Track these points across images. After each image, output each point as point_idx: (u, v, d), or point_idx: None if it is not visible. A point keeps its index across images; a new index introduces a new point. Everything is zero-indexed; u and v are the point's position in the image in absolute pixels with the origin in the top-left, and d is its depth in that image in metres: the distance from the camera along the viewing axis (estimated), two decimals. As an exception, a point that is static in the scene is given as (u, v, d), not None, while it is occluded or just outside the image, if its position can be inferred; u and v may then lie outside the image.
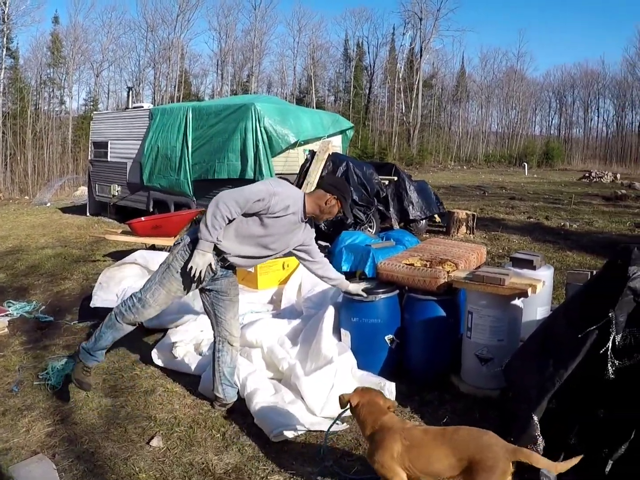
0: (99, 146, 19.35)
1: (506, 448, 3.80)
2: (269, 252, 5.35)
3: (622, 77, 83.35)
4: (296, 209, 5.14)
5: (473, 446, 3.84)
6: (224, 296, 5.50)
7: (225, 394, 5.68)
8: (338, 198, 5.30)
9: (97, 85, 69.03)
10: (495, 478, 3.67)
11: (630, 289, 4.48)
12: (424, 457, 3.95)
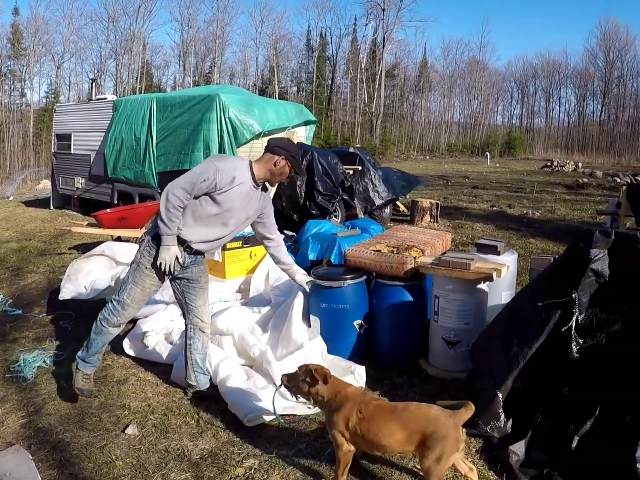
0: (62, 138, 19.16)
1: (452, 417, 4.06)
2: (230, 229, 5.33)
3: (583, 67, 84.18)
4: (244, 178, 5.11)
5: (423, 420, 4.07)
6: (195, 284, 5.53)
7: (197, 381, 5.72)
8: (286, 158, 5.24)
9: (58, 77, 68.44)
10: (447, 445, 3.93)
11: (592, 271, 4.61)
12: (373, 431, 4.14)
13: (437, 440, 3.94)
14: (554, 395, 4.72)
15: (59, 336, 7.39)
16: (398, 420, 4.13)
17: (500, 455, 4.61)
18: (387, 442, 4.12)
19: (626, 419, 4.30)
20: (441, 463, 3.93)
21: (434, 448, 3.93)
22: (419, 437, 4.01)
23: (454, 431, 4.00)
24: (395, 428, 4.09)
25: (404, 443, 4.08)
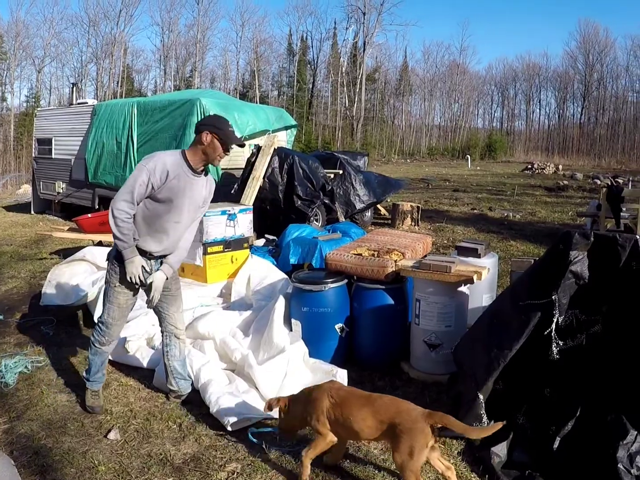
0: (43, 143, 19.07)
1: (422, 412, 4.17)
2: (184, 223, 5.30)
3: (563, 70, 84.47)
4: (177, 169, 5.04)
5: (393, 410, 4.23)
6: (165, 291, 5.48)
7: (179, 387, 5.73)
8: (210, 131, 5.06)
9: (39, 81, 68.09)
10: (415, 437, 4.03)
11: (572, 273, 4.64)
12: (346, 416, 4.29)
13: (403, 431, 4.06)
14: (536, 397, 4.75)
15: (41, 341, 7.34)
16: (371, 407, 4.29)
17: (482, 457, 4.63)
18: (360, 428, 4.26)
19: (607, 419, 4.33)
20: (413, 457, 4.00)
21: (401, 439, 4.05)
22: (388, 427, 4.16)
23: (422, 425, 4.08)
24: (367, 414, 4.25)
25: (374, 430, 4.23)
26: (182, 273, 8.47)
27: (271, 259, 8.74)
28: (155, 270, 5.33)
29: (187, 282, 8.31)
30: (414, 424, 4.09)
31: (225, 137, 5.09)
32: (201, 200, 5.35)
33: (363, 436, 4.36)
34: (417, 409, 4.24)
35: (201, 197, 5.34)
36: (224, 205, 8.93)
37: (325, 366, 6.05)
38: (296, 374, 5.77)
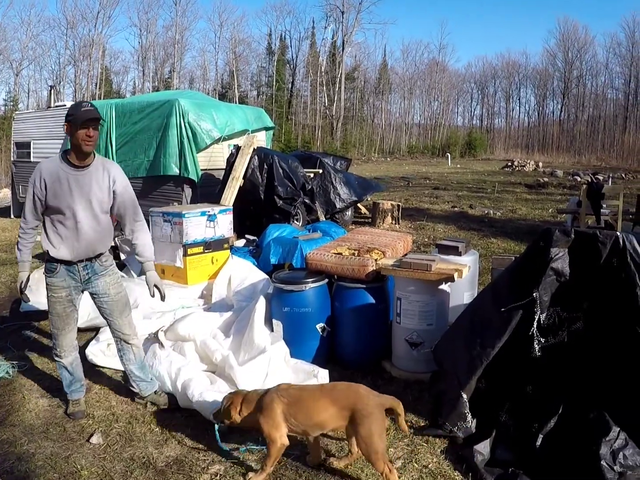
0: (22, 146, 18.93)
1: (377, 398, 4.38)
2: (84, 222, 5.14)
3: (543, 68, 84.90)
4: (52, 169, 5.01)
5: (352, 397, 4.35)
6: (105, 297, 5.45)
7: (139, 388, 5.76)
8: (66, 121, 4.99)
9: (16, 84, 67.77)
10: (375, 421, 4.18)
11: (553, 270, 4.65)
12: (303, 411, 4.38)
13: (364, 416, 4.18)
14: (518, 394, 4.76)
15: (22, 346, 7.31)
16: (328, 396, 4.41)
17: (466, 455, 4.63)
18: (322, 418, 4.36)
19: (590, 416, 4.35)
20: (376, 441, 4.14)
21: (363, 424, 4.17)
22: (349, 414, 4.25)
23: (379, 410, 4.25)
24: (327, 403, 4.35)
25: (337, 418, 4.32)
26: (162, 275, 8.44)
27: (252, 260, 8.71)
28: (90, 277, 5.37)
29: (167, 283, 8.26)
30: (374, 408, 4.24)
31: (75, 118, 4.93)
32: (104, 186, 5.18)
33: (328, 426, 4.45)
34: (372, 394, 4.40)
35: (101, 184, 5.16)
36: (204, 207, 8.93)
37: (306, 366, 6.02)
38: (277, 374, 5.76)
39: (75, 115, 4.93)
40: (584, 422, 4.35)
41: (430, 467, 4.59)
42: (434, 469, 4.57)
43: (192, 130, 13.18)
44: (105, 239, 5.43)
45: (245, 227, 11.58)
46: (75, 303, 5.44)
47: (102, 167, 5.19)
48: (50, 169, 5.01)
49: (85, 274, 5.32)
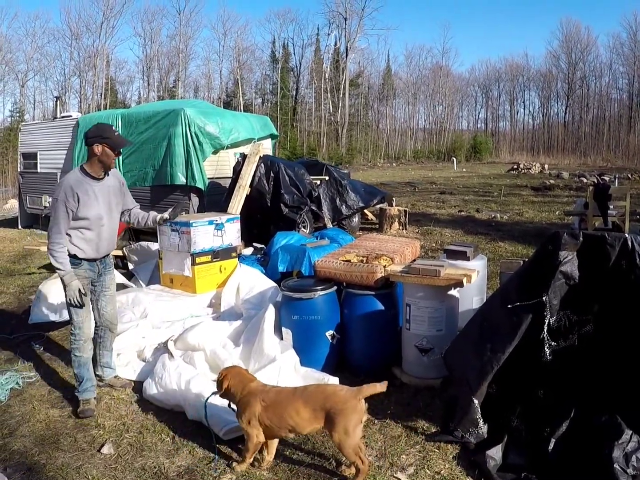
0: (28, 157, 18.93)
1: (351, 391, 4.53)
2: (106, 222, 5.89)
3: (546, 70, 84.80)
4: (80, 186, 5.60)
5: (321, 397, 4.53)
6: (107, 291, 6.20)
7: (103, 373, 6.40)
8: (99, 142, 5.61)
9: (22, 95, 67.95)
10: (348, 417, 4.34)
11: (562, 273, 4.63)
12: (278, 414, 4.56)
13: (337, 413, 4.36)
14: (529, 399, 4.75)
15: (31, 357, 7.31)
16: (299, 399, 4.57)
17: (478, 461, 4.62)
18: (296, 421, 4.52)
19: (601, 419, 4.33)
20: (349, 434, 4.32)
21: (337, 421, 4.34)
22: (323, 414, 4.43)
23: (353, 403, 4.40)
24: (299, 406, 4.51)
25: (311, 420, 4.49)
26: (170, 284, 8.47)
27: (260, 268, 8.71)
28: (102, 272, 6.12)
29: (176, 292, 8.29)
30: (344, 404, 4.39)
31: (113, 143, 5.69)
32: (114, 197, 5.99)
33: (302, 429, 4.59)
34: (344, 389, 4.63)
35: (113, 195, 5.98)
36: (211, 215, 8.92)
37: (316, 374, 6.02)
38: (287, 383, 5.73)
39: (113, 141, 5.69)
40: (596, 426, 4.33)
41: (442, 473, 4.58)
42: (446, 475, 4.56)
43: (198, 139, 13.16)
44: (116, 237, 6.30)
45: (252, 235, 11.57)
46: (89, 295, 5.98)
47: (112, 175, 6.00)
48: (78, 183, 5.62)
49: (102, 268, 6.08)
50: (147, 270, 9.58)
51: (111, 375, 6.46)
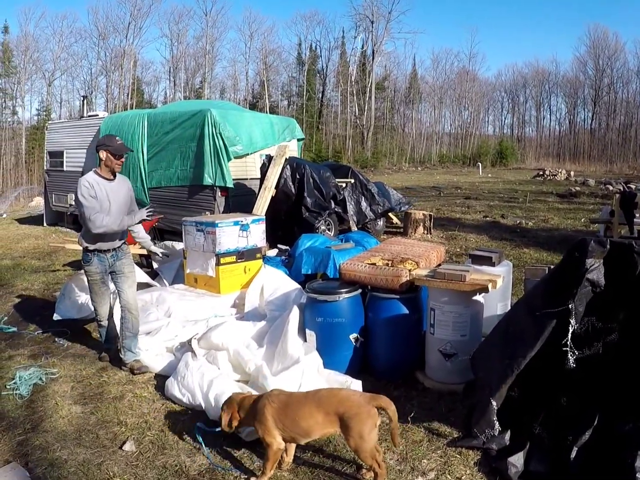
0: (55, 156, 19.10)
1: (364, 396, 4.63)
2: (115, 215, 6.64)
3: (573, 76, 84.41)
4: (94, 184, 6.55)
5: (335, 401, 4.54)
6: (120, 274, 6.97)
7: (125, 356, 6.88)
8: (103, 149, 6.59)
9: (49, 94, 68.48)
10: (362, 420, 4.36)
11: (588, 280, 4.60)
12: (290, 417, 4.56)
13: (351, 417, 4.37)
14: (552, 406, 4.72)
15: (55, 353, 7.38)
16: (312, 403, 4.59)
17: (499, 467, 4.60)
18: (308, 425, 4.52)
19: (625, 428, 4.30)
20: (364, 439, 4.33)
21: (350, 425, 4.35)
22: (336, 418, 4.43)
23: (366, 408, 4.41)
24: (312, 409, 4.53)
25: (324, 424, 4.50)
26: (195, 284, 8.50)
27: (284, 269, 8.71)
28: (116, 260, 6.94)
29: (200, 292, 8.32)
30: (359, 408, 4.41)
31: (114, 150, 6.61)
32: (122, 195, 6.84)
33: (315, 433, 4.59)
34: (357, 394, 4.77)
35: (122, 194, 6.85)
36: (237, 216, 8.94)
37: (340, 377, 6.00)
38: (311, 385, 5.71)
39: (113, 147, 6.60)
40: (620, 434, 4.30)
41: (463, 479, 4.57)
42: (467, 480, 4.53)
43: (224, 140, 13.18)
44: (125, 232, 7.05)
45: (277, 237, 11.59)
46: (107, 283, 7.03)
47: (122, 180, 6.99)
48: (93, 181, 6.55)
49: (112, 260, 6.90)
50: (172, 270, 9.61)
51: (131, 359, 6.88)
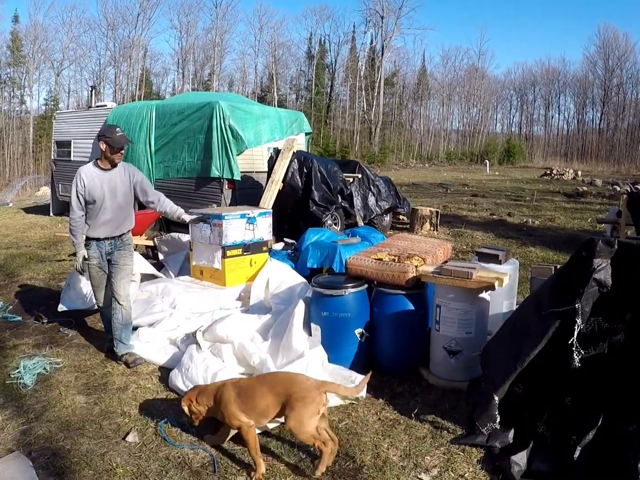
0: (62, 145, 19.12)
1: (315, 382, 4.76)
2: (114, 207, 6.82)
3: (583, 75, 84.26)
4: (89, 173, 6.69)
5: (286, 382, 4.78)
6: (115, 264, 6.95)
7: (118, 348, 6.87)
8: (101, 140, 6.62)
9: (57, 84, 68.49)
10: (306, 406, 4.52)
11: (595, 280, 4.58)
12: (250, 398, 4.76)
13: (296, 400, 4.54)
14: (556, 405, 4.71)
15: (59, 343, 7.40)
16: (266, 384, 4.83)
17: (502, 466, 4.59)
18: (263, 405, 4.71)
19: (629, 429, 4.29)
20: (303, 424, 4.50)
21: (294, 407, 4.53)
22: (284, 398, 4.62)
23: (314, 393, 4.58)
24: (265, 391, 4.74)
25: (275, 405, 4.67)
26: (200, 276, 8.50)
27: (290, 263, 8.70)
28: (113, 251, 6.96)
29: (205, 285, 8.32)
30: (306, 392, 4.58)
31: (113, 142, 6.61)
32: (120, 186, 6.84)
33: (270, 413, 4.73)
34: (310, 380, 4.82)
35: (120, 184, 6.83)
36: (244, 209, 8.93)
37: (344, 372, 6.00)
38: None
39: (113, 139, 6.60)
40: (623, 435, 4.29)
41: (466, 476, 4.56)
42: (470, 478, 4.53)
43: (232, 133, 13.18)
44: (126, 223, 7.07)
45: (283, 231, 11.59)
46: (104, 269, 7.01)
47: (123, 168, 6.91)
48: (87, 172, 6.71)
49: (110, 249, 6.94)
50: (177, 262, 9.62)
51: (124, 351, 6.87)
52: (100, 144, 6.63)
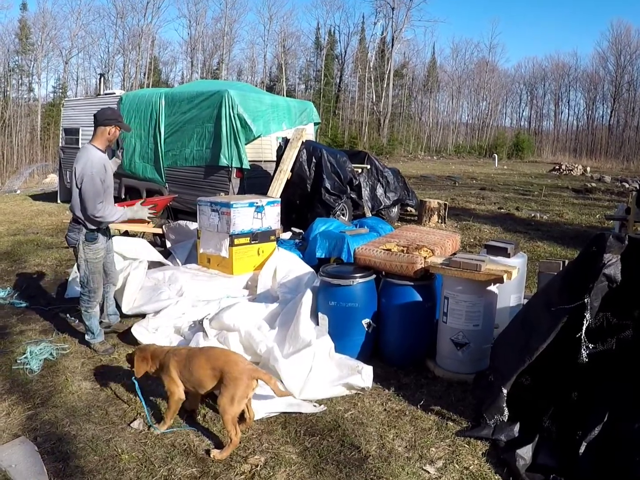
0: (70, 133, 19.15)
1: (249, 366, 4.91)
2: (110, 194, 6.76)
3: (593, 71, 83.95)
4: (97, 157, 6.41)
5: (223, 360, 4.91)
6: (109, 253, 7.11)
7: (110, 320, 7.30)
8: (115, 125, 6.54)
9: (66, 72, 68.49)
10: (238, 386, 4.68)
11: (605, 275, 4.58)
12: (188, 367, 4.99)
13: (230, 379, 4.70)
14: (563, 400, 4.70)
15: (66, 329, 7.41)
16: (204, 356, 5.03)
17: (507, 459, 4.59)
18: (200, 376, 4.93)
19: (635, 426, 4.27)
20: (233, 403, 4.64)
21: (228, 386, 4.69)
22: (219, 374, 4.79)
23: (247, 377, 4.74)
24: (203, 362, 4.94)
25: (210, 377, 4.87)
26: (207, 264, 8.51)
27: (298, 253, 8.70)
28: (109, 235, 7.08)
29: (213, 273, 8.33)
30: (241, 374, 4.73)
31: (123, 126, 6.71)
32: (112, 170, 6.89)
33: (205, 385, 4.95)
34: (245, 362, 4.98)
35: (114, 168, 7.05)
36: (252, 198, 8.94)
37: (351, 362, 6.01)
38: (321, 368, 5.75)
39: (124, 124, 6.71)
40: (629, 432, 4.27)
41: (471, 469, 4.56)
42: (474, 471, 4.53)
43: (241, 122, 13.17)
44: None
45: (291, 220, 11.58)
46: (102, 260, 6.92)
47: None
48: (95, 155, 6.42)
49: (110, 236, 7.10)
50: (185, 249, 9.62)
51: (117, 321, 7.41)
52: (112, 129, 6.49)
